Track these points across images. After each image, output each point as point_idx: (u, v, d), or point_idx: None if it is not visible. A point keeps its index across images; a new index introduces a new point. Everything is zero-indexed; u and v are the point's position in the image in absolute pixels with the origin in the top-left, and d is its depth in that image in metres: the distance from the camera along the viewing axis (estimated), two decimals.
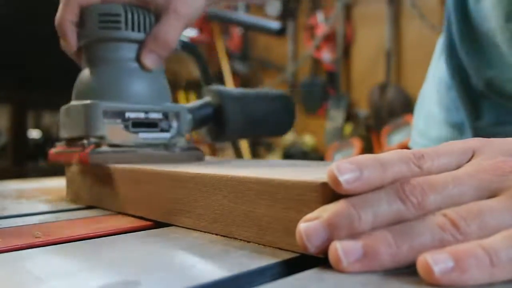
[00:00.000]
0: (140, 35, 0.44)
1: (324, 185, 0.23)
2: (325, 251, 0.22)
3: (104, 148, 0.41)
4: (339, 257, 0.21)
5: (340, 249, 0.21)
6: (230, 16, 3.31)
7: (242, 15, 3.29)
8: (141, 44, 0.44)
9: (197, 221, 0.31)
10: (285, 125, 0.53)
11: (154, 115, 0.44)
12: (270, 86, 3.30)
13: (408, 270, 0.21)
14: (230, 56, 3.44)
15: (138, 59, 0.45)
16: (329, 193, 0.23)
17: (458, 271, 0.19)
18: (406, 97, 2.38)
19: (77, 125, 0.43)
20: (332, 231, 0.21)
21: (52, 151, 0.47)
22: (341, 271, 0.21)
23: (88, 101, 0.42)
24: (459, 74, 0.56)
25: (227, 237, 0.29)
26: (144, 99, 0.44)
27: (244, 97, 0.50)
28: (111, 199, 0.40)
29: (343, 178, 0.22)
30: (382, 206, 0.22)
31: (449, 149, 0.26)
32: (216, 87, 0.51)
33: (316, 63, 2.83)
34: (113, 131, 0.42)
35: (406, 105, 2.35)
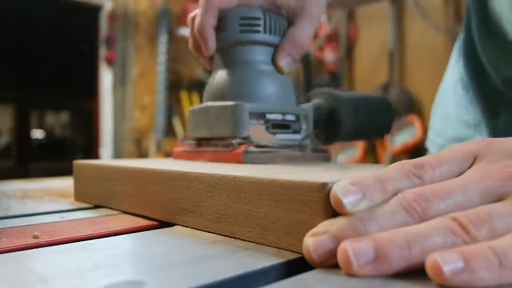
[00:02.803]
0: (276, 39, 0.45)
1: (325, 185, 0.23)
2: (332, 264, 0.21)
3: (253, 148, 0.42)
4: (350, 259, 0.20)
5: (350, 250, 0.20)
6: None
7: None
8: (276, 47, 0.46)
9: (201, 220, 0.31)
10: (387, 127, 0.54)
11: (289, 117, 0.45)
12: None
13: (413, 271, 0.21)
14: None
15: (273, 61, 0.46)
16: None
17: (468, 272, 0.19)
18: (409, 97, 2.38)
19: (220, 125, 0.43)
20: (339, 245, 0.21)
21: (179, 149, 0.48)
22: (351, 274, 0.20)
23: (234, 102, 0.42)
24: (477, 73, 0.56)
25: (230, 237, 0.29)
26: (279, 101, 0.45)
27: (354, 100, 0.50)
28: (117, 199, 0.40)
29: (346, 201, 0.22)
30: (387, 218, 0.22)
31: (450, 156, 0.26)
32: (326, 89, 0.51)
33: (319, 63, 2.83)
34: (256, 132, 0.43)
35: (409, 105, 2.34)
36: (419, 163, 0.25)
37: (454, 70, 0.63)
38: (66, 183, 0.59)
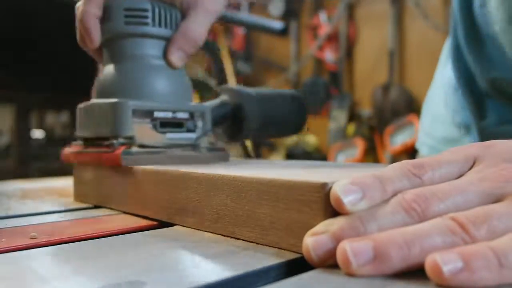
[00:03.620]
0: (167, 32, 0.43)
1: (325, 185, 0.23)
2: (332, 264, 0.22)
3: (135, 149, 0.39)
4: (349, 259, 0.20)
5: (349, 250, 0.20)
6: (233, 16, 3.32)
7: (245, 15, 3.30)
8: (167, 41, 0.43)
9: (201, 221, 0.31)
10: (298, 125, 0.53)
11: (181, 115, 0.43)
12: (273, 86, 3.30)
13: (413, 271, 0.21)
14: (233, 56, 3.45)
15: (164, 56, 0.43)
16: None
17: (467, 272, 0.19)
18: (409, 97, 2.37)
19: (103, 124, 0.41)
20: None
21: (67, 151, 0.46)
22: (350, 274, 0.20)
23: (116, 100, 0.40)
24: (464, 75, 0.56)
25: (230, 237, 0.29)
26: (170, 98, 0.43)
27: (262, 96, 0.49)
28: (116, 199, 0.40)
29: (346, 200, 0.22)
30: (386, 218, 0.22)
31: (451, 158, 0.26)
32: (233, 86, 0.50)
33: (319, 63, 2.83)
34: (142, 131, 0.41)
35: (409, 105, 2.34)
36: (419, 163, 0.25)
37: (443, 70, 0.64)
38: (66, 183, 0.59)
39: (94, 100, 0.43)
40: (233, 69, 3.31)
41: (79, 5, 0.43)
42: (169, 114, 0.42)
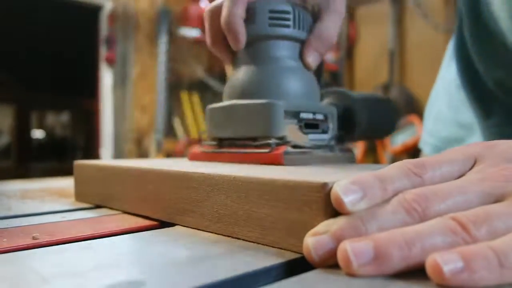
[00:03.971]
0: (304, 34, 0.43)
1: (325, 185, 0.23)
2: (333, 264, 0.22)
3: (290, 149, 0.39)
4: (349, 259, 0.20)
5: (350, 250, 0.21)
6: None
7: None
8: (301, 43, 0.44)
9: (201, 221, 0.31)
10: (392, 127, 0.53)
11: (318, 116, 0.43)
12: None
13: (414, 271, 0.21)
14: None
15: (301, 57, 0.44)
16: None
17: (468, 272, 0.19)
18: (409, 97, 2.38)
19: (253, 125, 0.41)
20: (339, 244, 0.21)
21: (197, 150, 0.46)
22: (351, 274, 0.20)
23: (268, 100, 0.40)
24: (469, 74, 0.56)
25: (230, 237, 0.29)
26: (308, 100, 0.43)
27: (366, 99, 0.49)
28: (117, 199, 0.40)
29: (347, 200, 0.22)
30: (387, 218, 0.22)
31: (451, 157, 0.26)
32: (336, 88, 0.50)
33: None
34: (291, 132, 0.41)
35: (410, 105, 2.34)
36: (420, 163, 0.25)
37: (447, 70, 0.64)
38: (66, 183, 0.59)
39: (234, 101, 0.43)
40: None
41: (209, 9, 0.45)
42: (310, 115, 0.43)
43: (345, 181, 0.23)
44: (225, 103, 0.43)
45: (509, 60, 0.50)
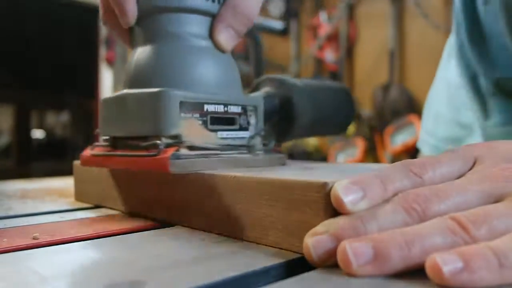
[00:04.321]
0: (214, 6, 0.35)
1: (325, 185, 0.23)
2: (332, 264, 0.22)
3: (184, 151, 0.32)
4: (349, 259, 0.20)
5: (350, 250, 0.21)
6: None
7: None
8: (213, 17, 0.36)
9: (201, 221, 0.31)
10: (347, 122, 0.46)
11: (233, 109, 0.36)
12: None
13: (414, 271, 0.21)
14: (233, 56, 3.45)
15: (211, 36, 0.36)
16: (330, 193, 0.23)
17: (468, 272, 0.19)
18: (410, 97, 2.38)
19: (140, 120, 0.33)
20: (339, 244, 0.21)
21: (89, 153, 0.38)
22: (350, 274, 0.21)
23: (158, 89, 0.32)
24: (468, 74, 0.56)
25: (230, 237, 0.29)
26: (220, 88, 0.35)
27: (311, 88, 0.42)
28: (117, 199, 0.40)
29: (347, 199, 0.22)
30: (387, 218, 0.22)
31: (451, 157, 0.26)
32: (277, 76, 0.42)
33: (319, 63, 2.83)
34: (190, 129, 0.33)
35: (410, 105, 2.34)
36: (420, 163, 0.25)
37: (446, 70, 0.64)
38: (66, 183, 0.59)
39: (126, 91, 0.35)
40: None
41: None
42: (220, 108, 0.35)
43: (346, 181, 0.23)
44: (118, 93, 0.36)
45: (508, 61, 0.50)
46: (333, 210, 0.23)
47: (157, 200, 0.35)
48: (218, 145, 0.34)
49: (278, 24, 2.95)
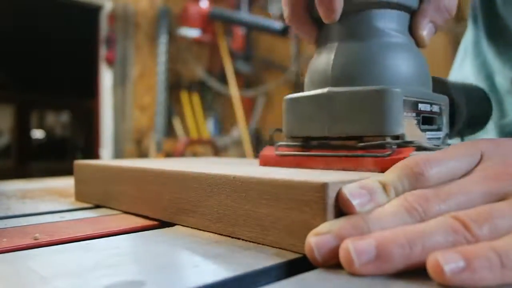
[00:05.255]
0: (415, 2, 0.34)
1: (325, 185, 0.23)
2: (335, 263, 0.22)
3: (415, 153, 0.30)
4: (351, 257, 0.20)
5: (352, 249, 0.21)
6: (233, 16, 3.32)
7: (245, 15, 3.30)
8: (411, 13, 0.35)
9: (201, 220, 0.31)
10: (487, 121, 0.45)
11: (435, 108, 0.34)
12: (273, 86, 3.30)
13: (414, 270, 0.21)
14: (233, 56, 3.45)
15: (412, 30, 0.35)
16: (330, 193, 0.23)
17: (469, 272, 0.19)
18: None
19: (358, 119, 0.31)
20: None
21: (270, 153, 0.37)
22: (353, 273, 0.21)
23: (381, 87, 0.31)
24: (484, 72, 0.56)
25: (230, 237, 0.29)
26: (423, 86, 0.34)
27: (464, 88, 0.40)
28: (117, 199, 0.40)
29: (355, 202, 0.23)
30: (389, 218, 0.22)
31: (458, 152, 0.26)
32: (436, 76, 0.40)
33: None
34: (409, 129, 0.31)
35: None
36: (425, 159, 0.25)
37: (460, 70, 0.63)
38: (66, 183, 0.59)
39: (328, 89, 0.33)
40: (233, 69, 3.32)
41: None
42: (428, 107, 0.33)
43: (353, 185, 0.24)
44: (315, 91, 0.34)
45: None
46: (333, 210, 0.23)
47: (157, 200, 0.35)
48: (433, 146, 0.32)
49: (278, 24, 2.95)
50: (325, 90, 0.33)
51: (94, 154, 3.44)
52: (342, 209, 0.23)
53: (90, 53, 3.57)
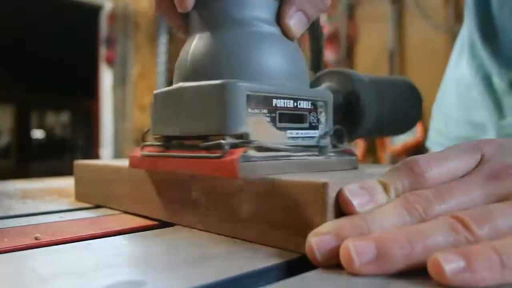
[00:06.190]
0: None
1: (325, 185, 0.23)
2: (335, 263, 0.22)
3: (253, 153, 0.28)
4: (352, 257, 0.20)
5: (352, 249, 0.21)
6: None
7: None
8: (281, 1, 0.32)
9: (201, 220, 0.31)
10: (413, 120, 0.42)
11: (303, 104, 0.32)
12: None
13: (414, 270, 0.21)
14: None
15: (279, 20, 0.32)
16: (330, 193, 0.23)
17: (470, 272, 0.19)
18: None
19: (200, 117, 0.30)
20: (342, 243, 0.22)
21: (139, 153, 0.35)
22: (353, 273, 0.21)
23: (222, 81, 0.28)
24: (481, 72, 0.56)
25: (230, 237, 0.29)
26: (288, 80, 0.32)
27: (377, 83, 0.38)
28: (117, 199, 0.40)
29: (356, 202, 0.23)
30: (390, 218, 0.22)
31: (458, 153, 0.26)
32: (340, 69, 0.39)
33: None
34: (257, 127, 0.29)
35: None
36: (425, 160, 0.25)
37: (456, 69, 0.63)
38: (66, 183, 0.59)
39: (181, 83, 0.31)
40: None
41: None
42: (290, 103, 0.31)
43: (353, 185, 0.24)
44: (172, 87, 0.32)
45: None
46: (333, 210, 0.23)
47: (157, 200, 0.35)
48: (288, 146, 0.30)
49: None
50: (179, 84, 0.31)
51: (94, 154, 3.44)
52: (342, 209, 0.23)
53: (90, 53, 3.57)
